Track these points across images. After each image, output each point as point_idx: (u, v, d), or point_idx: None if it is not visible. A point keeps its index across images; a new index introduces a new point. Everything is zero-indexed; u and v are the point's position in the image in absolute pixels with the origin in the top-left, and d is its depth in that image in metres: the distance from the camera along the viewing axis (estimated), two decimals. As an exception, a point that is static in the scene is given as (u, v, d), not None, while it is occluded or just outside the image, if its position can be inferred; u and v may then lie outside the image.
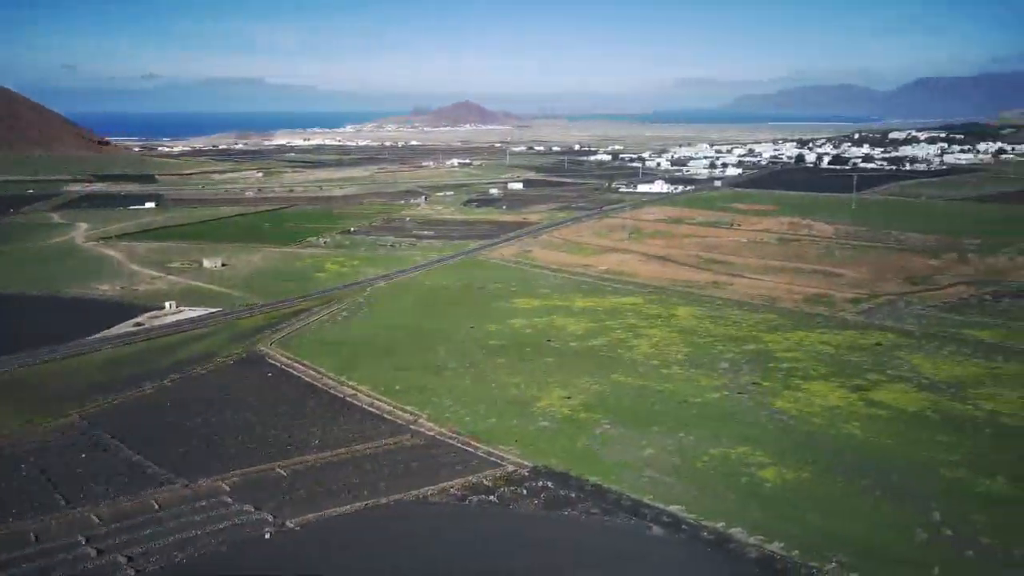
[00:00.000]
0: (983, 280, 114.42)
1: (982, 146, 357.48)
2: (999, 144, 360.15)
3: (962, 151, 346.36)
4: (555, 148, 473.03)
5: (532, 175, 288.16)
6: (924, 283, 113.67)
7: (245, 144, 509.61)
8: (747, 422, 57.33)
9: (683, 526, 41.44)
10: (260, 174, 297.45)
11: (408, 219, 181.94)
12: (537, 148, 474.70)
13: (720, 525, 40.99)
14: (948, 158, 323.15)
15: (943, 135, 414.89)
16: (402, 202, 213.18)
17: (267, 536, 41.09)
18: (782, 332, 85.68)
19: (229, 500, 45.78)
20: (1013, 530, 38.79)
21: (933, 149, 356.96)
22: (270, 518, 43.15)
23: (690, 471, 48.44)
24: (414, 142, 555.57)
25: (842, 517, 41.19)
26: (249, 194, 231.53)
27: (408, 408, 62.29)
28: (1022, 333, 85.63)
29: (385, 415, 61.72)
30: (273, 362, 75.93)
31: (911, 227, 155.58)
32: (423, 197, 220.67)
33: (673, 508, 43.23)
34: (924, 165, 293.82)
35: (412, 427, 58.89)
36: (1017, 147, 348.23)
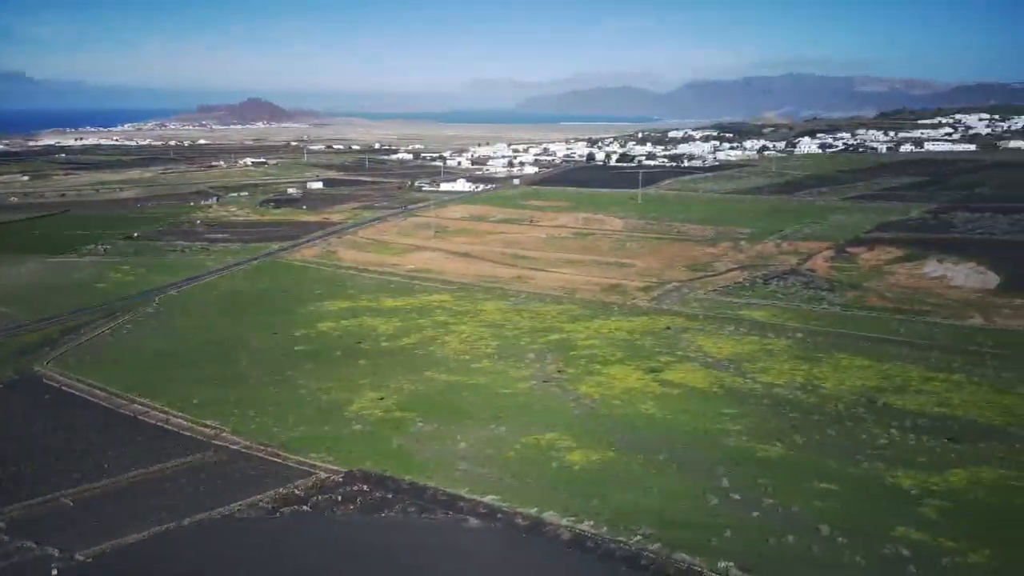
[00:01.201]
0: (754, 265, 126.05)
1: (748, 144, 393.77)
2: (763, 142, 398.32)
3: (732, 148, 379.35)
4: (355, 147, 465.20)
5: (333, 174, 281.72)
6: (704, 270, 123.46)
7: (6, 145, 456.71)
8: (554, 409, 59.59)
9: (498, 515, 42.36)
10: (25, 177, 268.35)
11: (199, 222, 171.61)
12: (336, 147, 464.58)
13: (534, 511, 42.31)
14: (720, 155, 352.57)
15: (715, 134, 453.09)
16: (192, 204, 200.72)
17: (54, 573, 37.31)
18: (582, 321, 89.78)
19: (6, 538, 41.08)
20: (791, 491, 43.14)
21: (707, 147, 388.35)
22: (56, 553, 39.19)
23: (503, 461, 49.58)
24: (202, 141, 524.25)
25: (643, 491, 43.87)
26: (13, 200, 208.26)
27: (208, 423, 58.85)
28: (788, 311, 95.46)
29: (183, 432, 57.95)
30: (51, 383, 68.93)
31: (691, 219, 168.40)
32: (214, 198, 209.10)
33: (488, 498, 44.05)
34: (700, 161, 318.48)
35: (214, 442, 55.75)
36: (778, 144, 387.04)
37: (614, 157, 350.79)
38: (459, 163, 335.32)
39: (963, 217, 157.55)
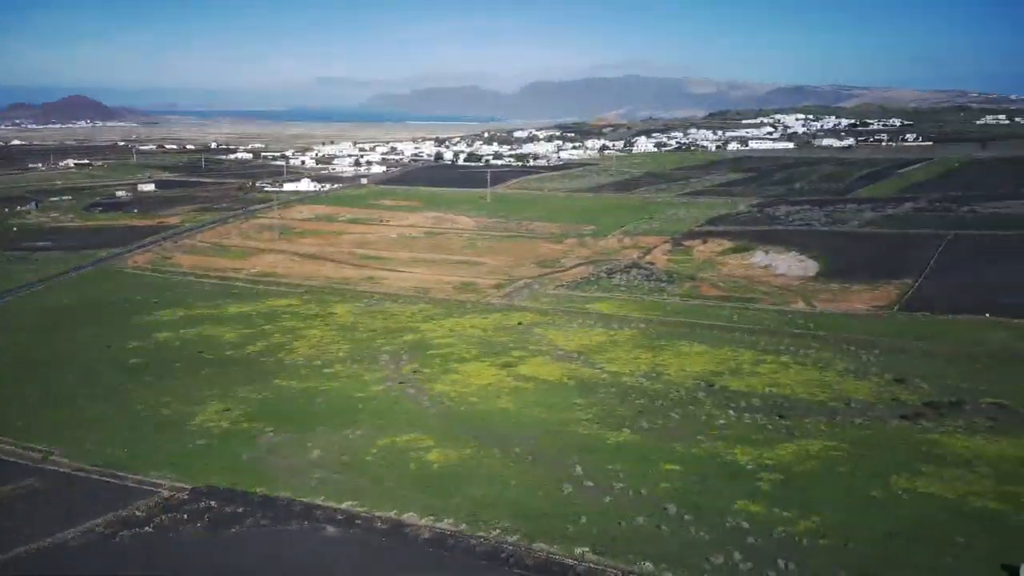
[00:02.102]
0: (599, 260, 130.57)
1: (590, 143, 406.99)
2: (603, 141, 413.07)
3: (575, 148, 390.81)
4: (190, 146, 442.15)
5: (166, 175, 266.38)
6: (553, 266, 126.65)
7: None
8: (411, 410, 59.28)
9: (357, 521, 41.68)
10: None
11: (15, 229, 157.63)
12: (169, 146, 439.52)
13: (393, 513, 41.95)
14: (563, 154, 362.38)
15: (559, 134, 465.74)
16: (7, 210, 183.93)
17: None
18: (436, 320, 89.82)
19: None
20: (639, 474, 45.08)
21: (551, 146, 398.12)
22: None
23: (360, 465, 48.80)
24: (16, 141, 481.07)
25: (501, 486, 44.49)
26: None
27: (34, 446, 54.20)
28: (632, 303, 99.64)
29: (6, 458, 53.11)
30: None
31: (538, 217, 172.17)
32: (33, 203, 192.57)
33: (346, 504, 43.25)
34: (545, 161, 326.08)
35: (42, 467, 51.44)
36: (617, 144, 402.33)
37: (462, 156, 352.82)
38: (303, 162, 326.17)
39: (785, 210, 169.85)
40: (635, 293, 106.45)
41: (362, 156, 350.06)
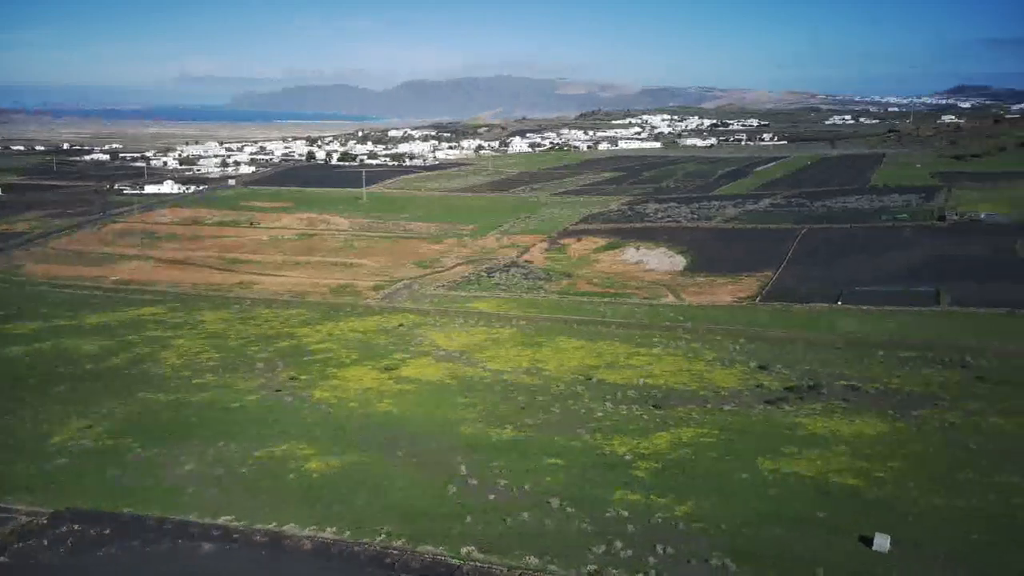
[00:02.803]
0: (478, 259, 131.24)
1: (466, 143, 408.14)
2: (479, 141, 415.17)
3: (450, 148, 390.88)
4: (39, 147, 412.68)
5: (13, 178, 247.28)
6: (432, 266, 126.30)
7: None
8: (289, 418, 57.65)
9: (235, 535, 40.20)
10: None
11: None
12: (15, 147, 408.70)
13: (272, 525, 40.71)
14: (439, 154, 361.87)
15: (434, 133, 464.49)
16: None
17: None
18: (313, 325, 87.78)
19: None
20: (523, 470, 45.68)
21: (427, 146, 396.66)
22: None
23: (235, 478, 47.06)
24: None
25: (385, 490, 44.03)
26: None
27: None
28: (512, 301, 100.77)
29: None
30: None
31: (416, 217, 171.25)
32: None
33: (222, 520, 41.62)
34: (421, 160, 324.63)
35: None
36: (492, 143, 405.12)
37: (335, 156, 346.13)
38: (165, 163, 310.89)
39: (654, 208, 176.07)
40: (514, 291, 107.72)
41: (229, 156, 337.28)
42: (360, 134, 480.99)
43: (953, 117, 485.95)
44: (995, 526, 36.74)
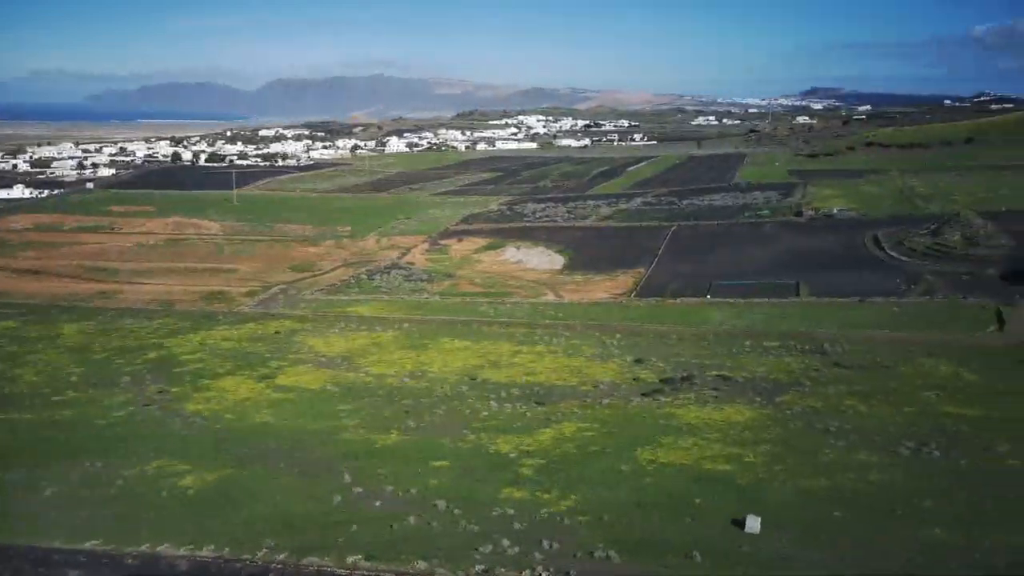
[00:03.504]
0: (358, 262, 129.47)
1: (341, 143, 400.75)
2: (354, 141, 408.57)
3: (325, 147, 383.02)
4: None
5: None
6: (310, 270, 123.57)
7: None
8: (159, 434, 54.95)
9: (104, 560, 37.98)
10: None
11: None
12: None
13: (145, 547, 38.72)
14: (314, 154, 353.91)
15: (307, 133, 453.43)
16: None
17: None
18: (183, 335, 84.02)
19: None
20: (409, 475, 45.40)
21: (300, 146, 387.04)
22: None
23: (104, 500, 44.44)
24: None
25: (266, 503, 42.75)
26: None
27: None
28: (394, 304, 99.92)
29: None
30: None
31: (291, 219, 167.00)
32: None
33: (89, 544, 39.21)
34: (295, 161, 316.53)
35: None
36: (369, 143, 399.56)
37: (203, 157, 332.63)
38: (15, 166, 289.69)
39: (532, 207, 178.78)
40: (396, 294, 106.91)
41: (87, 158, 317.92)
42: (229, 134, 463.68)
43: (807, 118, 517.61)
44: (854, 502, 39.45)
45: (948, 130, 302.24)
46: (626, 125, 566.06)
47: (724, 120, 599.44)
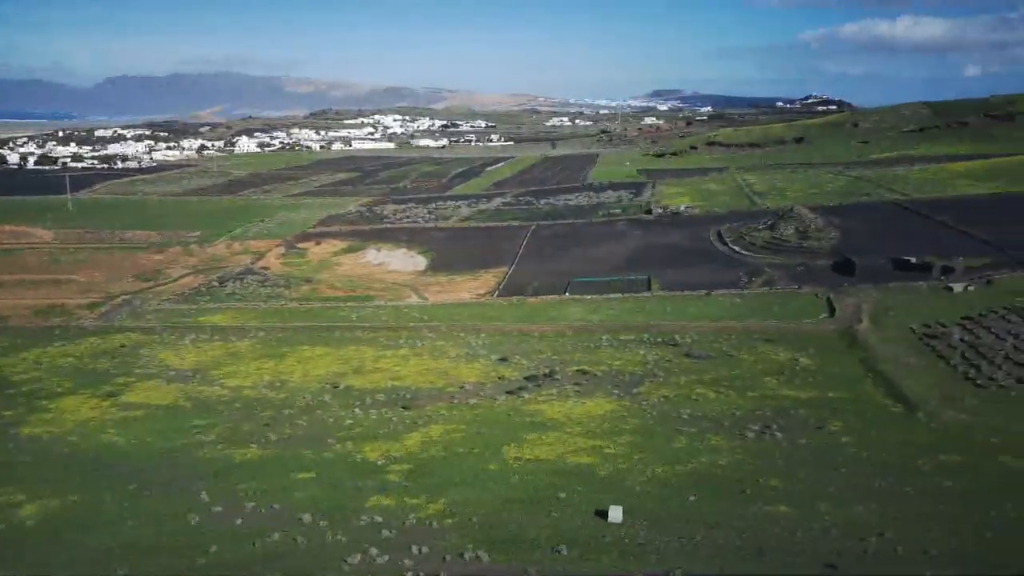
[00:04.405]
0: (209, 268, 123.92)
1: (186, 143, 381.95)
2: (201, 141, 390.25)
3: (169, 148, 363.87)
4: None
5: None
6: (156, 278, 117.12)
7: None
8: (-9, 462, 50.63)
9: (-70, 607, 34.69)
10: None
11: None
12: None
13: (-21, 588, 35.67)
14: (157, 155, 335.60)
15: (149, 133, 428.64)
16: None
17: None
18: (15, 353, 77.77)
19: None
20: (271, 489, 43.99)
21: (141, 147, 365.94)
22: None
23: (-73, 540, 40.50)
24: None
25: (117, 529, 40.35)
26: None
27: None
28: (249, 312, 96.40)
29: None
30: None
31: (134, 225, 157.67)
32: None
33: (-89, 592, 35.69)
34: (136, 163, 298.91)
35: None
36: (217, 143, 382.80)
37: (32, 159, 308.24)
38: None
39: (392, 208, 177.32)
40: (251, 301, 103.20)
41: None
42: (61, 134, 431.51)
43: (654, 119, 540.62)
44: (707, 486, 41.80)
45: (780, 130, 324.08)
46: (483, 125, 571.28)
47: (577, 121, 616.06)
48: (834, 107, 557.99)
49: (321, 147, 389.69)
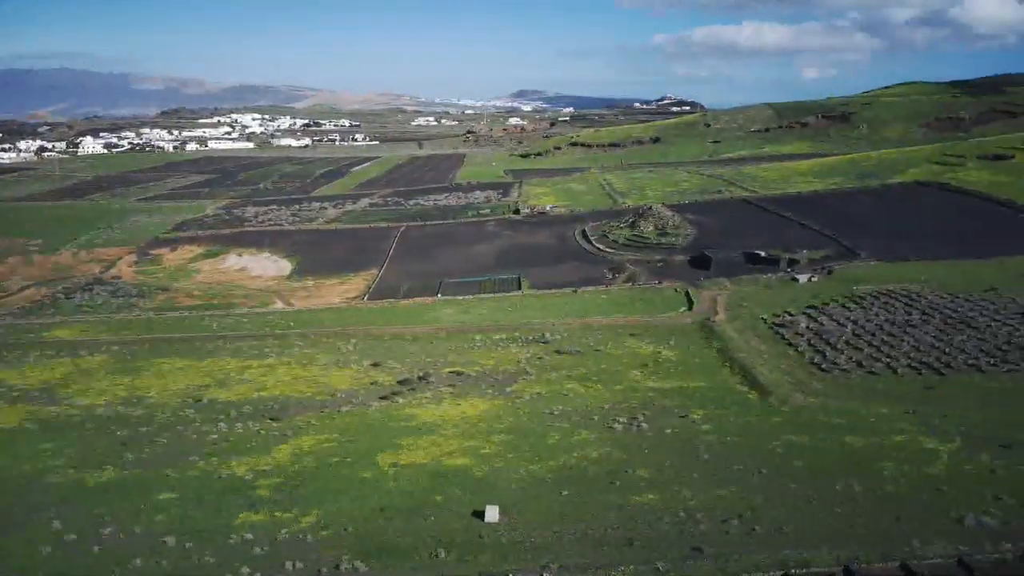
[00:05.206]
0: (53, 279, 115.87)
1: (24, 144, 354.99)
2: (40, 142, 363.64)
3: (3, 150, 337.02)
4: None
5: None
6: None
7: None
8: None
9: None
10: None
11: None
12: None
13: None
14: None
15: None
16: None
17: None
18: None
19: None
20: (131, 512, 41.64)
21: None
22: None
23: None
24: None
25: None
26: None
27: None
28: (101, 325, 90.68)
29: None
30: None
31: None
32: None
33: None
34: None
35: None
36: (58, 144, 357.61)
37: None
38: None
39: (253, 211, 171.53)
40: (102, 313, 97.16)
41: None
42: None
43: (519, 119, 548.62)
44: (579, 480, 42.98)
45: (639, 131, 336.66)
46: (347, 125, 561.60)
47: (442, 121, 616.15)
48: (688, 108, 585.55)
49: (175, 148, 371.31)
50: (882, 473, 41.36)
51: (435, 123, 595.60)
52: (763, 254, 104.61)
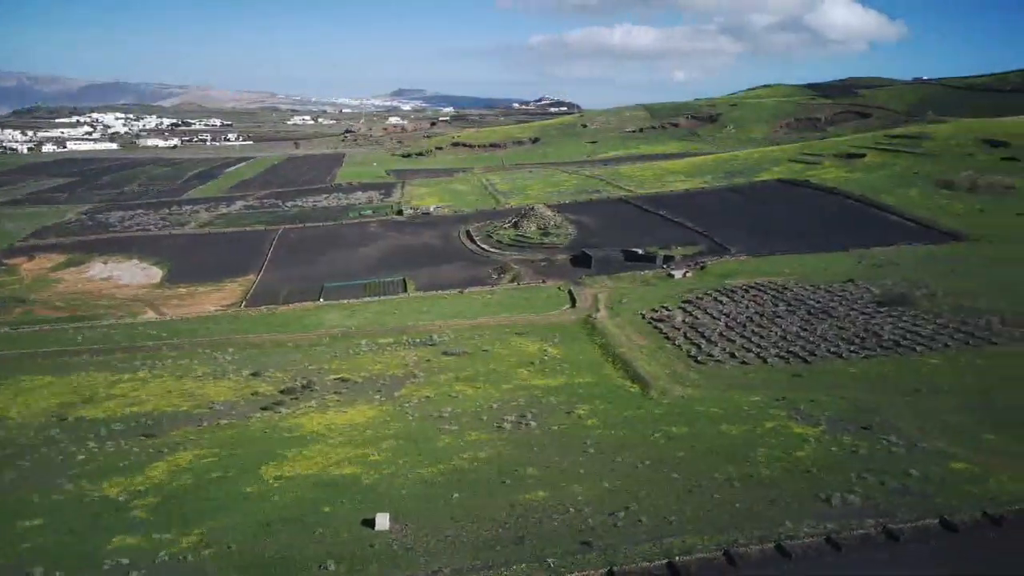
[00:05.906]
0: None
1: None
2: None
3: None
4: None
5: None
6: None
7: None
8: None
9: None
10: None
11: None
12: None
13: None
14: None
15: None
16: None
17: None
18: None
19: None
20: (-12, 542, 38.81)
21: None
22: None
23: None
24: None
25: None
26: None
27: None
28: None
29: None
30: None
31: None
32: None
33: None
34: None
35: None
36: None
37: None
38: None
39: (119, 216, 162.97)
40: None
41: None
42: None
43: (399, 119, 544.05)
44: (469, 481, 43.10)
45: (519, 131, 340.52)
46: (219, 124, 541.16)
47: (320, 120, 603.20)
48: (565, 109, 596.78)
49: (29, 149, 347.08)
50: (756, 459, 43.58)
51: (312, 122, 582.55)
52: (640, 251, 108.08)
